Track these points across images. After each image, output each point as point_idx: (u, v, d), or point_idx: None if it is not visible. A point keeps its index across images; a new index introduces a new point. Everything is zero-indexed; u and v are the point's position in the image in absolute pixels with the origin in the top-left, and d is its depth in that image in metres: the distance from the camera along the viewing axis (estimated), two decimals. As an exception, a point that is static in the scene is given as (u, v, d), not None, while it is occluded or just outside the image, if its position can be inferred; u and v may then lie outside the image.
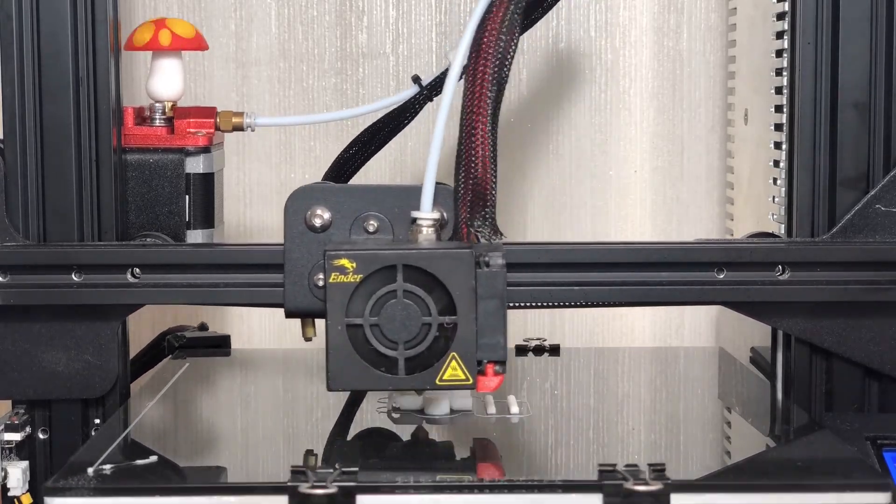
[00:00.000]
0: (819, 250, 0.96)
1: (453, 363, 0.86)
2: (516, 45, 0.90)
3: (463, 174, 0.89)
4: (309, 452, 0.90)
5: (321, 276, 0.90)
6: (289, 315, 0.94)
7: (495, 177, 0.90)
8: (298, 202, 0.92)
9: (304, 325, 0.97)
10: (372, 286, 0.86)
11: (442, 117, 0.89)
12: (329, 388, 0.86)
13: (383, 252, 0.86)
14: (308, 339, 0.97)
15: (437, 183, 0.90)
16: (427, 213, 0.89)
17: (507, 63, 0.89)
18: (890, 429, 0.97)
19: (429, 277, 0.86)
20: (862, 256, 0.95)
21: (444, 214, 0.91)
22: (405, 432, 0.92)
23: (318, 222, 0.92)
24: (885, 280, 0.95)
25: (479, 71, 0.89)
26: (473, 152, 0.89)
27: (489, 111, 0.89)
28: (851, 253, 0.96)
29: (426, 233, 0.89)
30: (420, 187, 0.90)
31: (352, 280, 0.86)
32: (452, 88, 0.90)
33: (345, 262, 0.86)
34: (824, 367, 1.00)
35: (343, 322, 0.86)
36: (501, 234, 0.90)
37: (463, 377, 0.86)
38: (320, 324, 0.88)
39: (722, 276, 0.95)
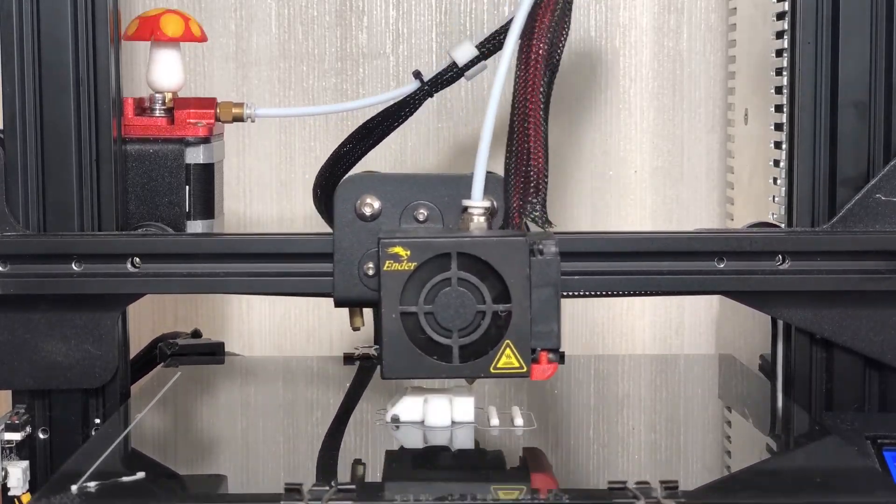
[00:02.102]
0: (819, 239, 0.96)
1: (507, 351, 0.85)
2: (568, 29, 0.90)
3: (515, 162, 0.89)
4: (304, 468, 0.88)
5: (371, 264, 0.90)
6: (338, 304, 0.93)
7: (547, 165, 0.89)
8: (349, 191, 0.92)
9: (352, 315, 0.96)
10: (426, 274, 0.86)
11: (493, 104, 0.88)
12: (383, 377, 0.86)
13: (438, 240, 0.86)
14: (356, 329, 0.96)
15: (486, 172, 0.89)
16: (478, 202, 0.89)
17: (559, 48, 0.89)
18: (890, 428, 0.96)
19: (483, 265, 0.85)
20: (862, 245, 0.95)
21: (494, 203, 0.90)
22: (405, 444, 0.91)
23: (368, 211, 0.91)
24: (885, 269, 0.95)
25: (532, 57, 0.88)
26: (526, 140, 0.88)
27: (542, 98, 0.88)
28: (852, 242, 0.96)
29: (477, 221, 0.89)
30: (470, 176, 0.89)
31: (406, 268, 0.85)
32: (503, 77, 0.89)
33: (399, 249, 0.85)
34: (824, 363, 1.00)
35: (397, 310, 0.85)
36: (552, 223, 0.89)
37: (517, 365, 0.85)
38: (367, 313, 0.87)
39: (722, 266, 0.95)
